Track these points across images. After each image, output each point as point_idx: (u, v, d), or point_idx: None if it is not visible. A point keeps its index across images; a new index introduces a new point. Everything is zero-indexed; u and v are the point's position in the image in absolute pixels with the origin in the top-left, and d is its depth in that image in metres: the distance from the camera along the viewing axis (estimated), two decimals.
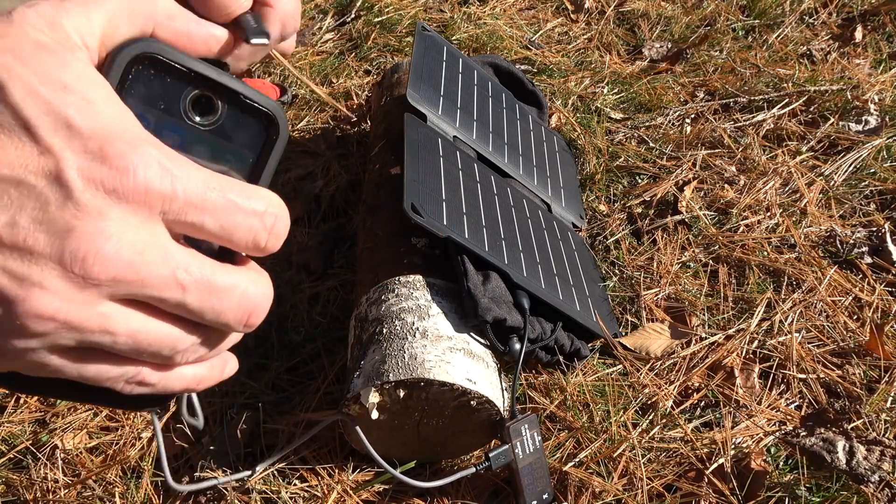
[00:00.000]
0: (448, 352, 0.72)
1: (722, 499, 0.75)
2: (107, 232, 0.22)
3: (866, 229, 1.04)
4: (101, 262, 0.22)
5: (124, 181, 0.22)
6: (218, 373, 0.29)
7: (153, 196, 0.23)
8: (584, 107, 1.34)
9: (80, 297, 0.23)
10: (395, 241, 0.86)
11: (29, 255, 0.22)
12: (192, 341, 0.26)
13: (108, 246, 0.22)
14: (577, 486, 0.77)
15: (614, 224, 1.09)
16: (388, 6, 1.64)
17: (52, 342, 0.23)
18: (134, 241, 0.23)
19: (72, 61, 0.23)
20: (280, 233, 0.27)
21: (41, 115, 0.22)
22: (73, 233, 0.22)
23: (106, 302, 0.23)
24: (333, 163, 1.25)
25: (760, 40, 1.49)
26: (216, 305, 0.26)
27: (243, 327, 0.27)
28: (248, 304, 0.27)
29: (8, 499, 0.81)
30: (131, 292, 0.24)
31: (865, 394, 0.83)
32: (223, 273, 0.26)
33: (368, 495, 0.78)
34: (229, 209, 0.25)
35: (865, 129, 1.22)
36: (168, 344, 0.26)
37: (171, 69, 0.27)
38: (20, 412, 0.90)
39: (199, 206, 0.24)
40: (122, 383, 0.26)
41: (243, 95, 0.28)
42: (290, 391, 0.91)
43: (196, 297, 0.25)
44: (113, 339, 0.24)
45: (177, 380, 0.28)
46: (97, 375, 0.25)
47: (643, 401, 0.85)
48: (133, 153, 0.23)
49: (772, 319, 0.92)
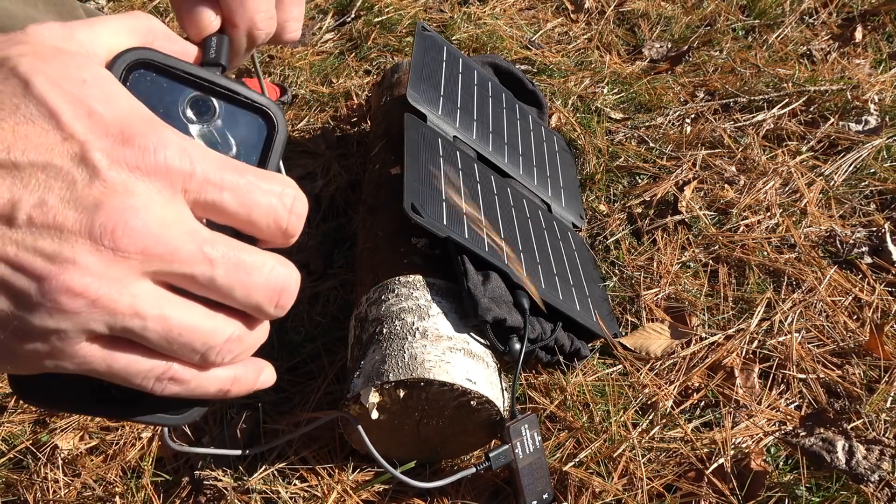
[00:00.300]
0: (448, 352, 0.72)
1: (722, 499, 0.75)
2: (134, 206, 0.23)
3: (866, 229, 1.04)
4: (130, 233, 0.23)
5: (146, 158, 0.23)
6: (253, 377, 0.29)
7: (174, 173, 0.24)
8: (584, 107, 1.34)
9: (110, 272, 0.23)
10: (395, 241, 0.86)
11: (59, 233, 0.22)
12: (224, 335, 0.26)
13: (135, 219, 0.23)
14: (577, 486, 0.77)
15: (614, 224, 1.09)
16: (388, 6, 1.64)
17: (83, 324, 0.23)
18: (160, 216, 0.23)
19: (88, 63, 0.25)
20: (300, 212, 0.27)
21: (64, 104, 0.23)
22: (102, 207, 0.22)
23: (137, 281, 0.24)
24: (333, 163, 1.25)
25: (760, 40, 1.49)
26: (245, 282, 0.25)
27: (275, 308, 0.27)
28: (278, 282, 0.26)
29: (8, 499, 0.81)
30: (161, 269, 0.24)
31: (865, 394, 0.83)
32: (250, 250, 0.26)
33: (368, 495, 0.78)
34: (247, 187, 0.25)
35: (865, 129, 1.22)
36: (200, 336, 0.25)
37: (167, 73, 0.28)
38: (20, 412, 0.90)
39: (218, 183, 0.25)
40: (153, 380, 0.25)
41: (239, 95, 0.28)
42: (290, 391, 0.91)
43: (225, 273, 0.25)
44: (143, 323, 0.24)
45: (211, 380, 0.27)
46: (126, 368, 0.25)
47: (643, 401, 0.85)
48: (152, 134, 0.24)
49: (772, 319, 0.92)
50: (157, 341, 0.25)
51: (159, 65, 0.27)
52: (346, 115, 1.38)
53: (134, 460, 0.84)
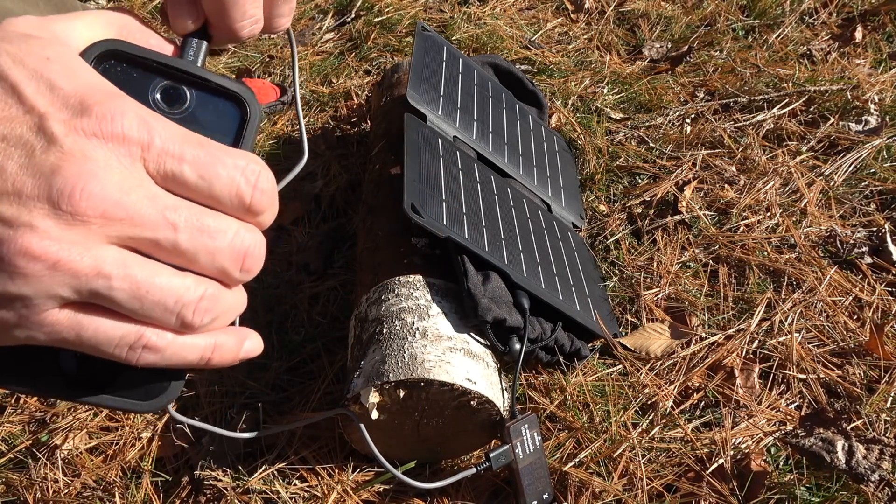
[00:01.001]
0: (448, 352, 0.72)
1: (722, 499, 0.75)
2: (92, 171, 0.23)
3: (866, 229, 1.04)
4: (88, 197, 0.23)
5: (104, 126, 0.23)
6: (235, 344, 0.28)
7: (132, 142, 0.24)
8: (584, 107, 1.34)
9: (70, 235, 0.23)
10: (395, 241, 0.86)
11: (17, 199, 0.22)
12: (198, 292, 0.25)
13: (93, 183, 0.23)
14: (577, 486, 0.77)
15: (614, 224, 1.09)
16: (388, 6, 1.64)
17: (47, 290, 0.23)
18: (119, 181, 0.23)
19: (53, 44, 0.25)
20: (265, 188, 0.27)
21: (26, 80, 0.23)
22: (59, 172, 0.22)
23: (100, 245, 0.23)
24: (333, 163, 1.25)
25: (760, 40, 1.49)
26: (210, 246, 0.25)
27: (240, 272, 0.27)
28: (243, 246, 0.26)
29: (8, 499, 0.81)
30: (124, 233, 0.24)
31: (865, 394, 0.83)
32: (214, 215, 0.26)
33: (368, 495, 0.78)
34: (208, 161, 0.25)
35: (865, 129, 1.22)
36: (171, 294, 0.25)
37: (138, 63, 0.28)
38: (20, 412, 0.90)
39: (178, 155, 0.25)
40: (125, 349, 0.25)
41: (209, 82, 0.29)
42: (290, 391, 0.91)
43: (188, 237, 0.25)
44: (108, 283, 0.23)
45: (189, 347, 0.26)
46: (97, 336, 0.24)
47: (643, 401, 0.85)
48: (111, 102, 0.24)
49: (772, 319, 0.92)
50: (126, 302, 0.24)
51: (130, 55, 0.28)
52: (346, 115, 1.38)
53: (134, 460, 0.84)
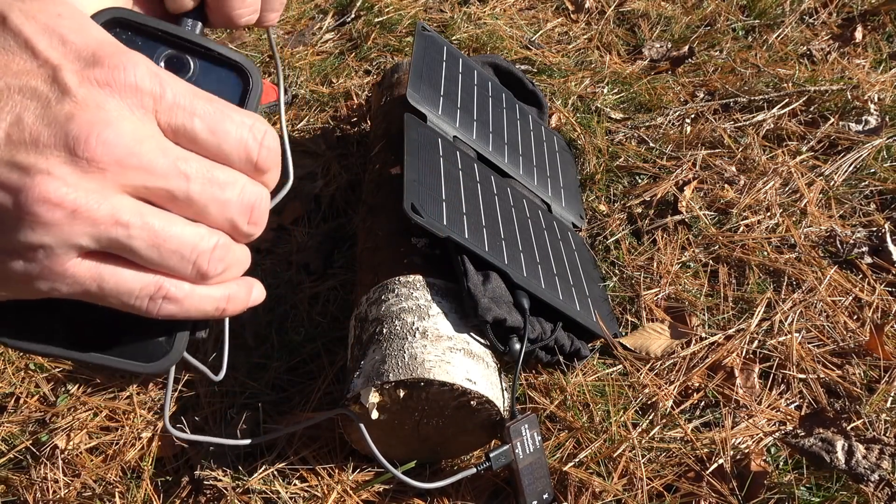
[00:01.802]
0: (448, 352, 0.72)
1: (722, 499, 0.75)
2: (106, 119, 0.23)
3: (866, 229, 1.04)
4: (104, 143, 0.23)
5: (117, 76, 0.24)
6: (245, 294, 0.29)
7: (144, 93, 0.25)
8: (584, 107, 1.34)
9: (87, 183, 0.23)
10: (395, 241, 0.86)
11: (35, 147, 0.23)
12: (211, 242, 0.26)
13: (108, 130, 0.23)
14: (577, 486, 0.77)
15: (614, 224, 1.09)
16: (388, 6, 1.64)
17: (67, 238, 0.23)
18: (132, 130, 0.24)
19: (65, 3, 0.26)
20: (271, 146, 0.28)
21: (39, 34, 0.24)
22: (74, 120, 0.23)
23: (116, 194, 0.24)
24: (333, 163, 1.25)
25: (760, 40, 1.49)
26: (220, 197, 0.26)
27: (248, 225, 0.27)
28: (251, 199, 0.27)
29: (8, 499, 0.81)
30: (138, 182, 0.24)
31: (865, 394, 0.83)
32: (222, 168, 0.27)
33: (368, 495, 0.78)
34: (218, 117, 0.26)
35: (865, 129, 1.22)
36: (187, 242, 0.25)
37: (143, 31, 0.29)
38: (20, 412, 0.90)
39: (189, 108, 0.25)
40: (146, 300, 0.26)
41: (212, 51, 0.29)
42: (290, 391, 0.91)
43: (200, 188, 0.25)
44: (127, 232, 0.24)
45: (206, 298, 0.27)
46: (118, 287, 0.25)
47: (643, 401, 0.85)
48: (123, 55, 0.25)
49: (772, 319, 0.92)
50: (145, 251, 0.25)
51: (135, 23, 0.28)
52: (346, 115, 1.38)
53: (134, 460, 0.84)
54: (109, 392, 0.92)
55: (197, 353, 0.95)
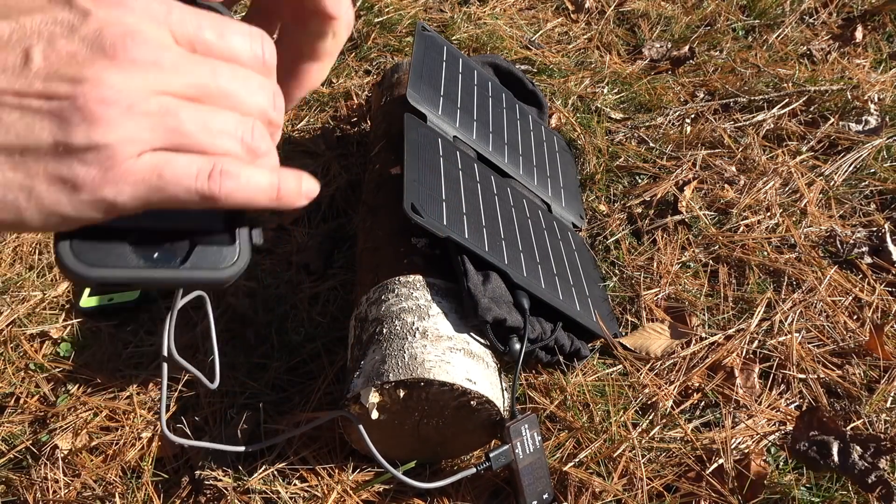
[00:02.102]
0: (448, 352, 0.72)
1: (722, 499, 0.75)
2: (131, 30, 0.26)
3: (866, 229, 1.04)
4: (138, 45, 0.25)
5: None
6: (296, 182, 0.31)
7: (154, 10, 0.27)
8: (584, 107, 1.34)
9: (132, 83, 0.25)
10: (395, 241, 0.86)
11: (76, 61, 0.25)
12: (249, 122, 0.29)
13: (138, 36, 0.26)
14: (577, 486, 0.77)
15: (614, 224, 1.09)
16: (388, 6, 1.64)
17: (128, 133, 0.25)
18: (157, 37, 0.26)
19: None
20: (271, 48, 0.30)
21: None
22: (104, 32, 0.25)
23: (158, 93, 0.26)
24: (333, 163, 1.25)
25: (760, 40, 1.49)
26: (246, 85, 0.29)
27: (274, 111, 0.30)
28: (270, 87, 0.30)
29: (8, 499, 0.81)
30: (174, 82, 0.27)
31: (865, 394, 0.83)
32: (238, 66, 0.29)
33: (368, 495, 0.78)
34: (223, 24, 0.29)
35: (865, 129, 1.22)
36: (230, 122, 0.28)
37: None
38: (20, 412, 0.90)
39: (196, 21, 0.28)
40: (206, 180, 0.27)
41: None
42: (290, 391, 0.91)
43: (227, 80, 0.28)
44: (178, 119, 0.26)
45: (259, 175, 0.29)
46: (176, 175, 0.26)
47: (643, 401, 0.85)
48: None
49: (772, 319, 0.92)
50: (197, 135, 0.27)
51: None
52: (346, 115, 1.38)
53: (134, 460, 0.84)
54: (109, 392, 0.92)
55: (192, 360, 0.95)
